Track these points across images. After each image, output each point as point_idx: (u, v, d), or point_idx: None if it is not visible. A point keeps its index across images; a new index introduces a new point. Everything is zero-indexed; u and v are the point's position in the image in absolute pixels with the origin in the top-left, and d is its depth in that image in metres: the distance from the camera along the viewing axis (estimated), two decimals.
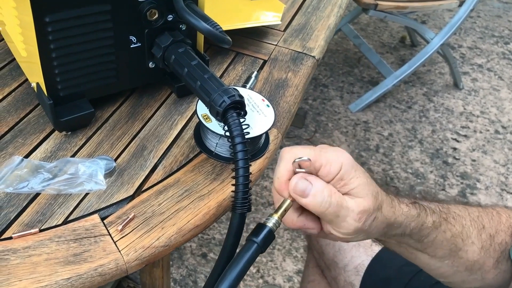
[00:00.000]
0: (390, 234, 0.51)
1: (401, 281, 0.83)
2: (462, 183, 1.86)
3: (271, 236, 0.47)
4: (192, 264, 1.46)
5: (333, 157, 0.47)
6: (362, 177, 0.47)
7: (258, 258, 1.48)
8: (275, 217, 0.47)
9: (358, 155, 1.94)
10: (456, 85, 2.33)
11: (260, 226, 0.47)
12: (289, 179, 0.47)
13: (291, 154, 0.48)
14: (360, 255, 0.88)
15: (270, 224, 0.47)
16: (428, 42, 2.11)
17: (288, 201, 0.48)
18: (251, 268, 1.46)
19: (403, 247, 0.56)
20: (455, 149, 2.01)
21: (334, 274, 0.91)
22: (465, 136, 2.07)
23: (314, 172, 0.47)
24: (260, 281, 1.45)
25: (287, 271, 1.48)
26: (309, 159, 0.46)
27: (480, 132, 2.10)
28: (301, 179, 0.46)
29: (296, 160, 0.46)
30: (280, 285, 1.44)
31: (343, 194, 0.47)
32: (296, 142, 1.95)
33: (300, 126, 2.03)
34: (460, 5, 2.05)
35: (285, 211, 0.48)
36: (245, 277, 1.45)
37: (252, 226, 0.45)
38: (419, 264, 0.59)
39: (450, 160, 1.96)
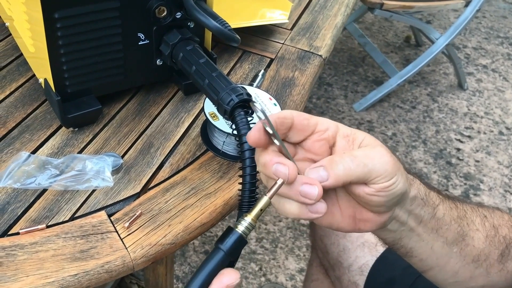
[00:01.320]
0: (408, 201, 0.49)
1: (405, 282, 0.83)
2: (465, 183, 1.86)
3: (241, 243, 0.41)
4: (195, 261, 1.46)
5: (326, 121, 0.44)
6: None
7: (260, 256, 1.48)
8: (248, 219, 0.41)
9: None
10: (461, 86, 2.32)
11: (229, 231, 0.41)
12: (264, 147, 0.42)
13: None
14: (364, 255, 0.88)
15: (240, 229, 0.41)
16: (433, 42, 2.11)
17: (266, 199, 0.42)
18: (254, 266, 1.47)
19: (422, 239, 0.54)
20: (459, 149, 2.01)
21: (338, 273, 0.91)
22: (469, 136, 2.07)
23: (308, 133, 0.44)
24: (263, 279, 1.45)
25: (290, 270, 1.48)
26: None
27: (484, 133, 2.09)
28: (311, 170, 0.42)
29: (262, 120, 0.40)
30: (282, 283, 1.44)
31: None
32: None
33: None
34: (466, 5, 2.04)
35: (261, 211, 0.42)
36: (247, 275, 1.45)
37: (256, 225, 0.43)
38: (432, 262, 0.57)
39: (453, 160, 1.95)
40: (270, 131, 0.41)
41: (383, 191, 0.44)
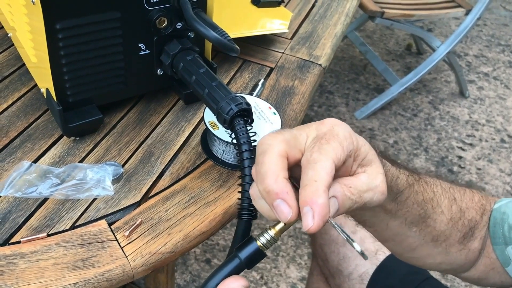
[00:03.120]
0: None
1: None
2: None
3: (259, 255, 0.42)
4: (196, 270, 1.46)
5: (340, 135, 0.40)
6: (360, 138, 0.43)
7: (262, 264, 1.48)
8: (272, 232, 0.41)
9: None
10: (462, 94, 2.33)
11: (250, 241, 0.42)
12: (285, 177, 0.39)
13: (280, 144, 0.39)
14: (364, 263, 0.88)
15: (261, 241, 0.41)
16: (434, 50, 2.11)
17: (281, 225, 0.41)
18: (255, 274, 1.46)
19: (376, 215, 0.53)
20: (460, 157, 2.01)
21: (339, 282, 0.91)
22: (471, 144, 2.07)
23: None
24: (264, 287, 1.44)
25: (291, 278, 1.47)
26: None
27: (486, 140, 2.09)
28: (325, 198, 0.37)
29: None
30: None
31: (357, 167, 0.41)
32: None
33: None
34: (467, 13, 2.05)
35: (286, 225, 0.41)
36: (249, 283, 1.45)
37: (256, 232, 0.43)
38: (387, 236, 0.57)
39: (455, 168, 1.95)
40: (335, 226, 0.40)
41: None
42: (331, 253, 0.92)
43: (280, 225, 0.41)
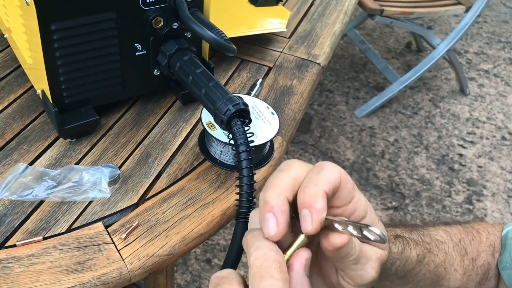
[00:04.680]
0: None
1: None
2: (468, 189, 1.85)
3: None
4: (197, 270, 1.46)
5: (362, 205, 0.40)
6: (374, 216, 0.42)
7: None
8: (285, 257, 0.38)
9: (363, 160, 1.94)
10: (463, 91, 2.32)
11: None
12: (287, 198, 0.38)
13: (301, 170, 0.39)
14: None
15: None
16: (434, 48, 2.11)
17: (302, 237, 0.39)
18: None
19: (384, 284, 0.52)
20: (461, 155, 2.00)
21: None
22: (472, 142, 2.06)
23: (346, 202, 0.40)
24: None
25: None
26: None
27: (487, 138, 2.09)
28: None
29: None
30: None
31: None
32: (301, 148, 1.95)
33: (305, 132, 2.03)
34: (467, 10, 2.04)
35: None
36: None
37: None
38: None
39: (456, 166, 1.95)
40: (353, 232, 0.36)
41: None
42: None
43: (292, 249, 0.39)
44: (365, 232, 0.36)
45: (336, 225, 0.37)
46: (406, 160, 1.96)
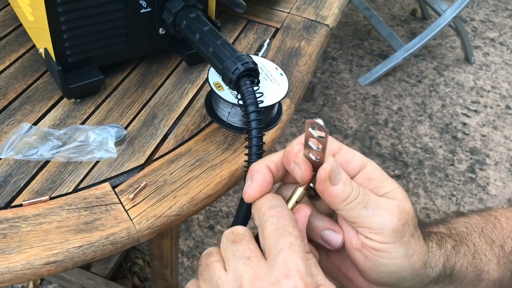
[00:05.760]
0: (428, 277, 0.43)
1: None
2: (471, 158, 1.85)
3: None
4: (199, 236, 1.46)
5: (356, 153, 0.41)
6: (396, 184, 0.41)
7: None
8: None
9: (366, 129, 1.92)
10: (467, 59, 2.29)
11: None
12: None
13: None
14: None
15: None
16: (440, 15, 2.07)
17: (300, 190, 0.40)
18: None
19: None
20: (464, 124, 1.99)
21: None
22: (475, 111, 2.05)
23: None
24: None
25: None
26: (326, 130, 0.37)
27: (491, 107, 2.07)
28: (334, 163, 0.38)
29: (308, 120, 0.38)
30: None
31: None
32: (304, 116, 1.94)
33: (308, 100, 2.01)
34: None
35: (297, 203, 0.40)
36: None
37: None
38: None
39: (459, 135, 1.94)
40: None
41: (369, 252, 0.39)
42: None
43: (292, 202, 0.41)
44: (316, 134, 0.38)
45: (311, 154, 0.40)
46: (410, 128, 1.94)
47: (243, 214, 0.48)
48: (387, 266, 0.40)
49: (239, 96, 0.53)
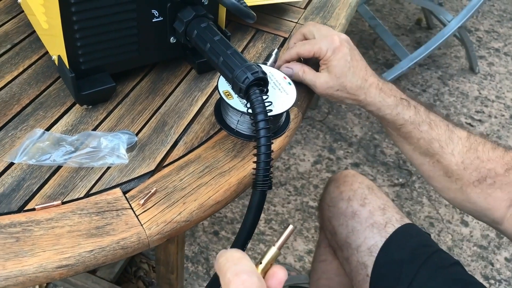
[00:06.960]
0: (365, 108, 0.67)
1: (414, 263, 0.83)
2: None
3: None
4: (204, 242, 1.47)
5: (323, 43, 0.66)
6: (342, 61, 0.66)
7: (269, 237, 1.49)
8: (260, 266, 0.36)
9: (371, 137, 1.93)
10: (472, 69, 2.30)
11: None
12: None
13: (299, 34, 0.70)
14: (373, 236, 0.88)
15: None
16: (444, 25, 2.08)
17: (274, 249, 0.37)
18: (262, 246, 1.47)
19: (391, 131, 0.70)
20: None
21: (347, 254, 0.91)
22: (480, 120, 2.05)
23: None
24: None
25: (298, 251, 1.48)
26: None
27: (495, 117, 2.08)
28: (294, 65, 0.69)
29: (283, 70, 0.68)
30: (291, 264, 1.45)
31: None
32: (309, 124, 1.95)
33: (313, 107, 2.02)
34: None
35: (271, 265, 0.37)
36: (256, 255, 1.46)
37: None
38: (406, 155, 0.71)
39: None
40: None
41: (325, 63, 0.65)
42: (340, 226, 0.92)
43: (264, 263, 0.37)
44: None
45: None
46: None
47: (251, 221, 0.48)
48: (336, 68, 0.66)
49: (248, 105, 0.54)
